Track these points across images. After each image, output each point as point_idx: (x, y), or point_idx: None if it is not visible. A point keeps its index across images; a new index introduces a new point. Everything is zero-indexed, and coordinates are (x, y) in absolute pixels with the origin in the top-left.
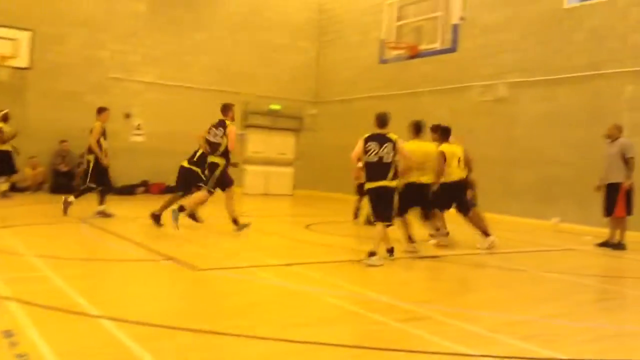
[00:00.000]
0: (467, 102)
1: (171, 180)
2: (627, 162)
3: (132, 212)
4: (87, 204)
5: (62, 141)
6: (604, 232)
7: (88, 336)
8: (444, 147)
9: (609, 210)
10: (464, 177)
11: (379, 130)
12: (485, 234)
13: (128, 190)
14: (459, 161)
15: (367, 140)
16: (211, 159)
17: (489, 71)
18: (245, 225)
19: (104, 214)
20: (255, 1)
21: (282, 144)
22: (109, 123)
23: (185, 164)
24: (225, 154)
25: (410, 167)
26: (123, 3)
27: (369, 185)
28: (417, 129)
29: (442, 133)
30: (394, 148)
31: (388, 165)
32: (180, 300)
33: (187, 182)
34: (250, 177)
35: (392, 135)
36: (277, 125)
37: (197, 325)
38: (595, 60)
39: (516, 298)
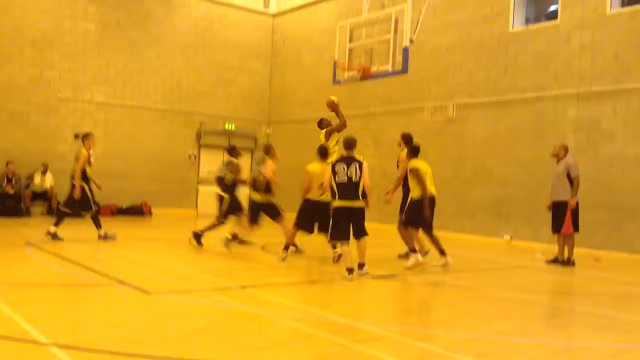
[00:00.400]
0: (419, 122)
1: (123, 202)
2: (572, 181)
3: (82, 235)
4: (37, 227)
5: (8, 163)
6: (553, 249)
7: None
8: (418, 162)
9: (556, 227)
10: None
11: (346, 153)
12: (416, 251)
13: (78, 213)
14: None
15: (334, 164)
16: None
17: (439, 92)
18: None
19: (56, 237)
20: (207, 21)
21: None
22: (58, 144)
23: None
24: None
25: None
26: (72, 22)
27: (339, 204)
28: (321, 154)
29: (412, 150)
30: (361, 168)
31: (357, 185)
32: (132, 326)
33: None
34: (204, 197)
35: (359, 157)
36: (231, 144)
37: (151, 351)
38: (540, 82)
39: (470, 316)
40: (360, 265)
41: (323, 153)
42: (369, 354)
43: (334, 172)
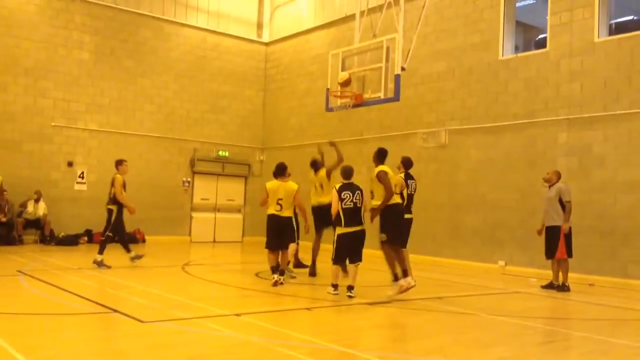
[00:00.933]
0: (411, 148)
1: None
2: (564, 206)
3: (75, 263)
4: (29, 256)
5: (1, 191)
6: (548, 274)
7: None
8: (386, 168)
9: (550, 252)
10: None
11: (346, 181)
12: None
13: (70, 241)
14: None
15: (340, 190)
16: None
17: (431, 118)
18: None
19: (102, 265)
20: (201, 49)
21: (231, 190)
22: (52, 172)
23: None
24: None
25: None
26: (66, 51)
27: (345, 230)
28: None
29: (378, 155)
30: (362, 194)
31: (360, 210)
32: (127, 355)
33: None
34: (198, 224)
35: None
36: (225, 171)
37: None
38: (530, 108)
39: (465, 342)
40: (350, 288)
41: (281, 170)
42: None
43: (340, 199)
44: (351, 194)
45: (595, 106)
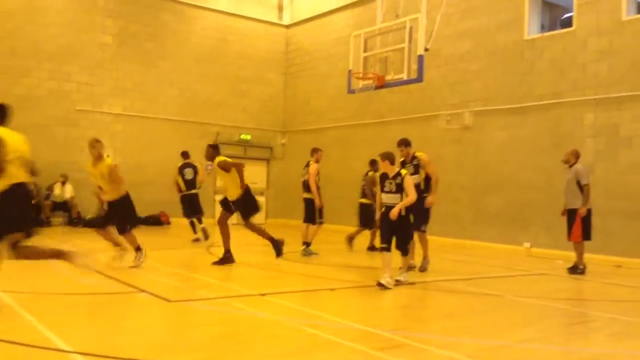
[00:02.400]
0: (434, 130)
1: (141, 212)
2: (581, 189)
3: (101, 245)
4: (57, 237)
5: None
6: (574, 256)
7: None
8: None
9: (570, 234)
10: None
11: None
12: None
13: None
14: None
15: (381, 178)
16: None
17: (455, 100)
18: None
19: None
20: (221, 33)
21: (254, 174)
22: (77, 155)
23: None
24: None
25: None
26: (89, 35)
27: None
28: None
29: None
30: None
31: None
32: (154, 333)
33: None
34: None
35: (403, 171)
36: (247, 155)
37: (172, 358)
38: (556, 89)
39: (492, 323)
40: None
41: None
42: None
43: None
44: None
45: (623, 86)
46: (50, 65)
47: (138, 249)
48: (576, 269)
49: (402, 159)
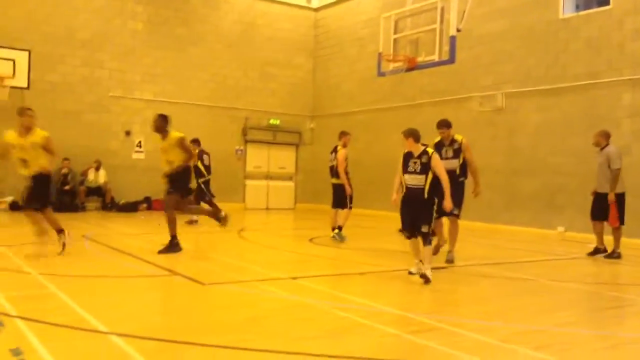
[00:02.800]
0: (467, 113)
1: None
2: (611, 172)
3: (135, 229)
4: (92, 221)
5: (64, 160)
6: (608, 240)
7: (98, 352)
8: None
9: (594, 214)
10: None
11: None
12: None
13: (131, 207)
14: None
15: (405, 158)
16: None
17: (487, 82)
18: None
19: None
20: (250, 18)
21: (283, 158)
22: (110, 141)
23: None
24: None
25: None
26: (120, 22)
27: None
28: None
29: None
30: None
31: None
32: (187, 315)
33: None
34: (251, 191)
35: (429, 149)
36: (276, 139)
37: (206, 340)
38: (592, 69)
39: (526, 307)
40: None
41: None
42: (424, 344)
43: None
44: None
45: None
46: (83, 52)
47: (60, 230)
48: (613, 254)
49: (436, 141)
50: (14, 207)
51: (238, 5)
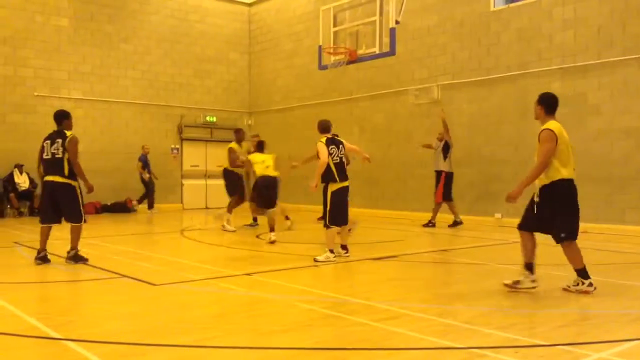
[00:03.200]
0: (403, 105)
1: (107, 199)
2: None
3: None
4: (22, 228)
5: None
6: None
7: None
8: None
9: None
10: None
11: (330, 135)
12: None
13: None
14: None
15: (328, 144)
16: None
17: (423, 74)
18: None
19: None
20: (182, 13)
21: (221, 156)
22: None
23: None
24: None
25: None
26: (44, 17)
27: (340, 185)
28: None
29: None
30: (344, 147)
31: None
32: (144, 317)
33: None
34: (189, 191)
35: (341, 138)
36: (214, 137)
37: (170, 340)
38: (523, 59)
39: (482, 290)
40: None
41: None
42: (393, 331)
43: (329, 154)
44: (336, 149)
45: (590, 54)
46: (4, 50)
47: None
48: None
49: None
50: None
51: (170, 0)
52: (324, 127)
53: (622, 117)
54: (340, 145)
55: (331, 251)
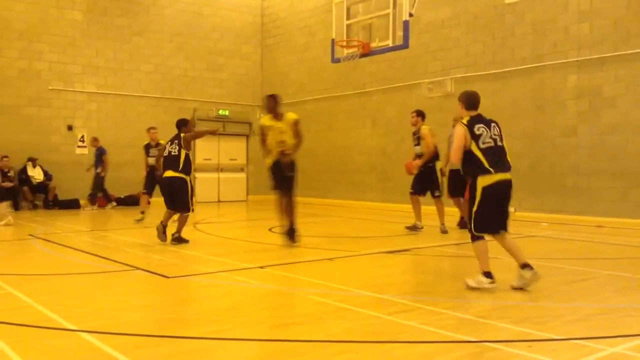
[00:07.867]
0: (417, 99)
1: (120, 192)
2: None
3: (83, 226)
4: (36, 220)
5: (3, 157)
6: (559, 218)
7: (71, 350)
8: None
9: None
10: None
11: (476, 113)
12: None
13: (74, 204)
14: None
15: (471, 125)
16: None
17: (437, 67)
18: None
19: None
20: (194, 6)
21: (233, 150)
22: (52, 136)
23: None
24: None
25: None
26: (58, 11)
27: (495, 179)
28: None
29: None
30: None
31: (504, 150)
32: (158, 309)
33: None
34: (202, 184)
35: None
36: (226, 131)
37: (184, 332)
38: (538, 52)
39: (497, 284)
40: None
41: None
42: (406, 324)
43: (474, 136)
44: (487, 129)
45: (606, 47)
46: (20, 44)
47: None
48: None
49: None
50: None
51: None
52: (472, 101)
53: (638, 110)
54: (493, 125)
55: (486, 275)
